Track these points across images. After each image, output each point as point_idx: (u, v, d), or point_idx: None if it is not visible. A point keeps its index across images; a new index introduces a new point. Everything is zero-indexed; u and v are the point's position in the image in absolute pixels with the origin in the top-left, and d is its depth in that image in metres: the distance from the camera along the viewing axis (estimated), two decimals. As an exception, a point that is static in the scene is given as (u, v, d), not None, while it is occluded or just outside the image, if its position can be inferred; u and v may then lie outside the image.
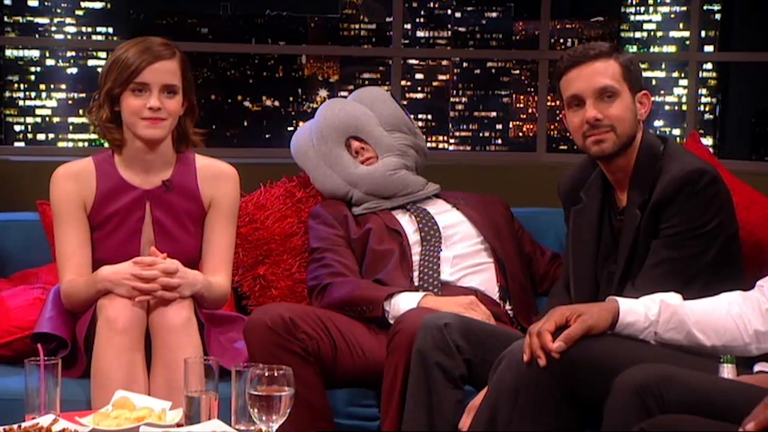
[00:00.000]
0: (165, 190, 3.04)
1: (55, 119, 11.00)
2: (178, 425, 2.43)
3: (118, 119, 3.00)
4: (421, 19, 11.27)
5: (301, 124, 3.61)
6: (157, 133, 2.97)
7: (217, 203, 3.08)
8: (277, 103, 11.41)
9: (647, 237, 2.74)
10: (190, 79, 3.03)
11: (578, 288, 2.87)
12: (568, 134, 2.84)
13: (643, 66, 2.95)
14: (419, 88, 11.38)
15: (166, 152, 3.04)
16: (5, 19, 10.04)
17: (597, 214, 2.87)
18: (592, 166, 2.92)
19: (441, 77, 11.64)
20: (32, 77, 11.01)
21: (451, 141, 11.63)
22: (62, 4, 10.85)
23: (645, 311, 2.44)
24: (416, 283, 3.18)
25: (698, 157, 2.82)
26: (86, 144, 10.30)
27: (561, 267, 3.35)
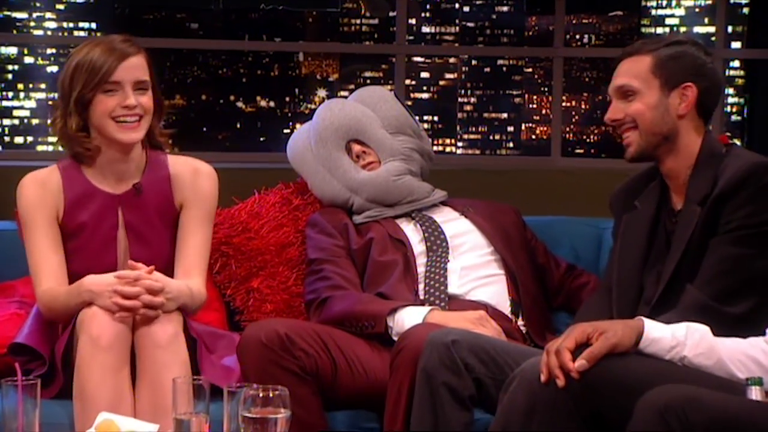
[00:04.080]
0: (136, 194, 3.06)
1: (34, 121, 10.99)
2: (166, 449, 2.43)
3: (88, 127, 3.04)
4: (427, 14, 11.28)
5: (298, 126, 3.62)
6: (135, 136, 3.02)
7: (191, 202, 3.10)
8: (272, 104, 11.41)
9: (704, 234, 2.75)
10: (155, 75, 3.09)
11: (621, 294, 2.87)
12: (584, 137, 2.86)
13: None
14: (425, 88, 11.38)
15: (138, 155, 3.08)
16: (-19, 14, 10.06)
17: (651, 218, 2.90)
18: (649, 178, 2.96)
19: (448, 76, 11.63)
20: (9, 76, 11.01)
21: (459, 144, 11.62)
22: (42, -2, 10.87)
23: (671, 331, 2.45)
24: (421, 297, 3.18)
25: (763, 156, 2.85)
26: (67, 148, 10.28)
27: (576, 279, 3.35)
